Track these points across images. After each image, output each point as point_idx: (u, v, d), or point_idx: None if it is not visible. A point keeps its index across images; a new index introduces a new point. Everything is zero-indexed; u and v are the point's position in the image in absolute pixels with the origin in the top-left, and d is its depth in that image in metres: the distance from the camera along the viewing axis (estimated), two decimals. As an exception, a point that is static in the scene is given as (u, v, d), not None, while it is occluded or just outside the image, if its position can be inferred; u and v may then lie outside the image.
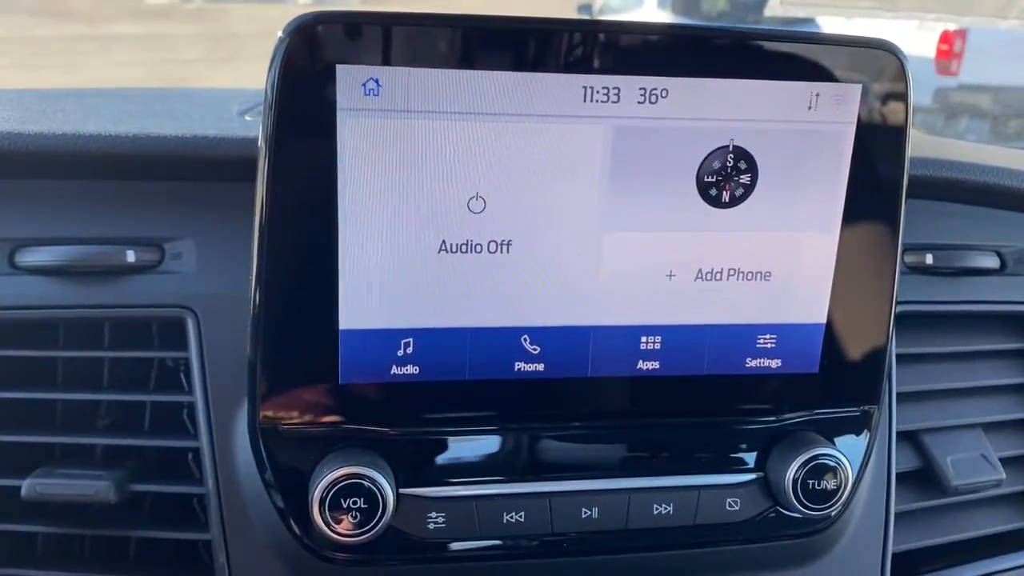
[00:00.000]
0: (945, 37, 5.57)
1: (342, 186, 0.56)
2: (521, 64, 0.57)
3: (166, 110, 0.83)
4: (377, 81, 0.56)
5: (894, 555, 0.74)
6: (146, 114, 0.79)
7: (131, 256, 0.67)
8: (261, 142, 0.55)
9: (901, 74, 0.61)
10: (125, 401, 0.69)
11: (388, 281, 0.59)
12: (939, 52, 5.62)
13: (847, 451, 0.66)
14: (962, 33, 5.53)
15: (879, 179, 0.63)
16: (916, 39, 5.49)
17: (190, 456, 0.68)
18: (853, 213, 0.63)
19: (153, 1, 12.44)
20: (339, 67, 0.54)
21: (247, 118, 0.81)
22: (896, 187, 0.63)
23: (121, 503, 0.66)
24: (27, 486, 0.63)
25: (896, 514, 0.74)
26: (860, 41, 0.61)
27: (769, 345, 0.65)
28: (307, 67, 0.54)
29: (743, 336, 0.65)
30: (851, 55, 0.61)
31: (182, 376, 0.69)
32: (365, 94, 0.56)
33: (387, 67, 0.55)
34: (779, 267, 0.64)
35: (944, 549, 0.77)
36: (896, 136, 0.62)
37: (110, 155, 0.67)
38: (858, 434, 0.68)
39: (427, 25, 0.55)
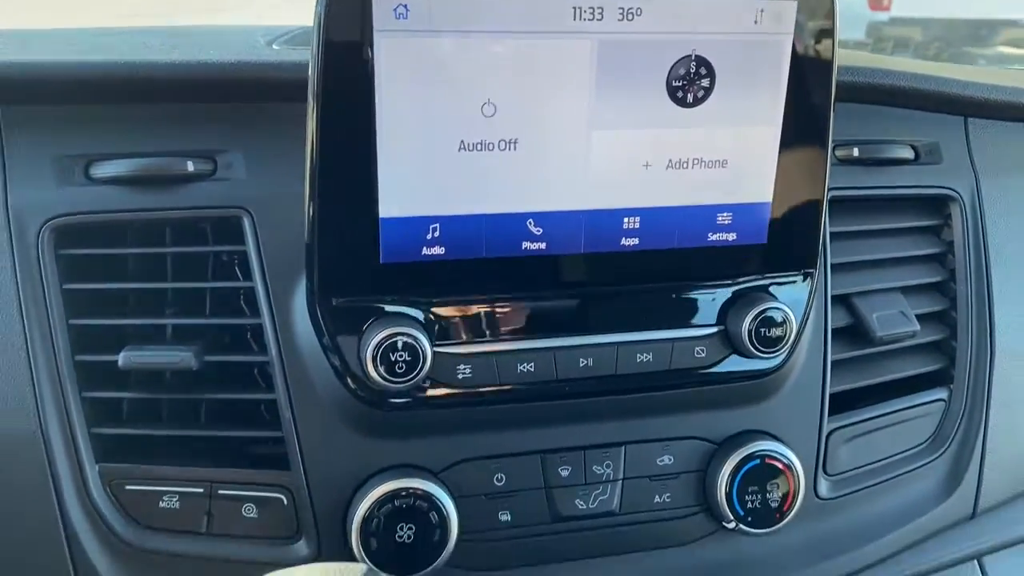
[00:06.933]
0: (878, -27, 5.72)
1: (379, 98, 0.68)
2: None
3: (204, 43, 0.93)
4: (406, 6, 0.68)
5: (832, 395, 0.90)
6: (188, 46, 0.90)
7: (190, 166, 0.78)
8: (312, 62, 0.67)
9: None
10: (188, 292, 0.80)
11: (418, 176, 0.72)
12: (872, -12, 5.77)
13: (791, 306, 0.81)
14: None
15: (813, 81, 0.76)
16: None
17: (249, 335, 0.81)
18: (792, 110, 0.76)
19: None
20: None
21: (275, 47, 0.92)
22: (827, 87, 0.77)
23: (192, 375, 0.79)
24: (124, 357, 0.76)
25: (832, 362, 0.90)
26: None
27: (726, 221, 0.79)
28: None
29: (705, 215, 0.79)
30: None
31: (237, 269, 0.81)
32: (396, 18, 0.67)
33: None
34: (733, 156, 0.77)
35: (872, 389, 0.94)
36: (826, 44, 0.75)
37: (169, 79, 0.78)
38: (800, 293, 0.83)
39: None
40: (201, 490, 0.77)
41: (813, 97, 0.77)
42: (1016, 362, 0.97)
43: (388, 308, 0.75)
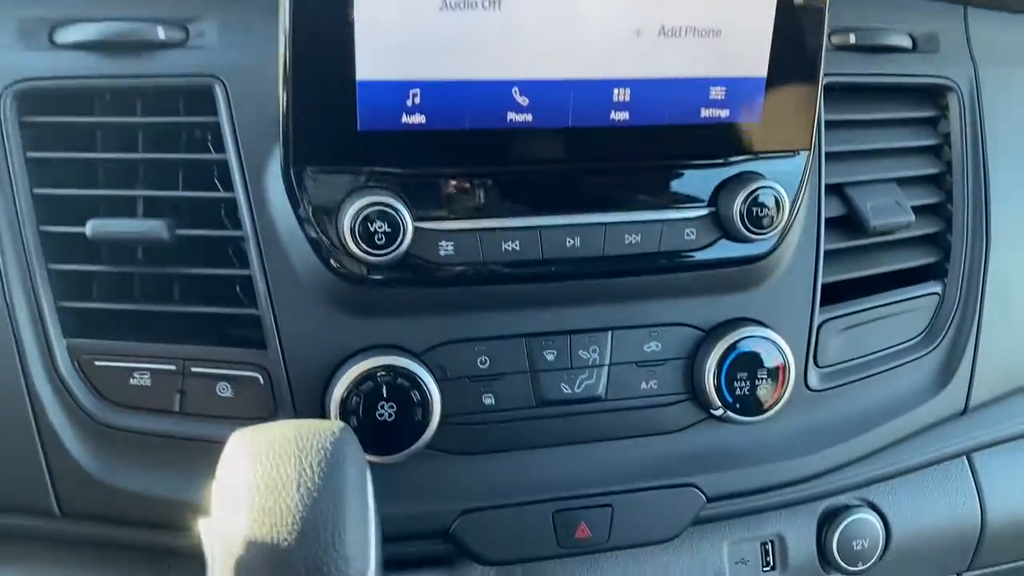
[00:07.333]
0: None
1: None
2: None
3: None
4: None
5: (824, 285, 0.88)
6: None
7: (161, 32, 0.74)
8: None
9: None
10: (160, 165, 0.77)
11: (397, 35, 0.68)
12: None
13: (784, 186, 0.79)
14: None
15: None
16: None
17: (223, 212, 0.78)
18: None
19: None
20: None
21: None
22: None
23: (165, 252, 0.76)
24: (91, 227, 0.72)
25: (825, 252, 0.88)
26: None
27: (719, 96, 0.77)
28: None
29: (698, 88, 0.76)
30: None
31: (210, 144, 0.78)
32: None
33: None
34: (727, 25, 0.74)
35: (865, 282, 0.92)
36: None
37: None
38: (793, 173, 0.80)
39: None
40: (173, 367, 0.75)
41: None
42: (1012, 256, 0.95)
43: (367, 179, 0.72)
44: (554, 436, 0.83)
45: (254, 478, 0.54)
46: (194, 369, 0.75)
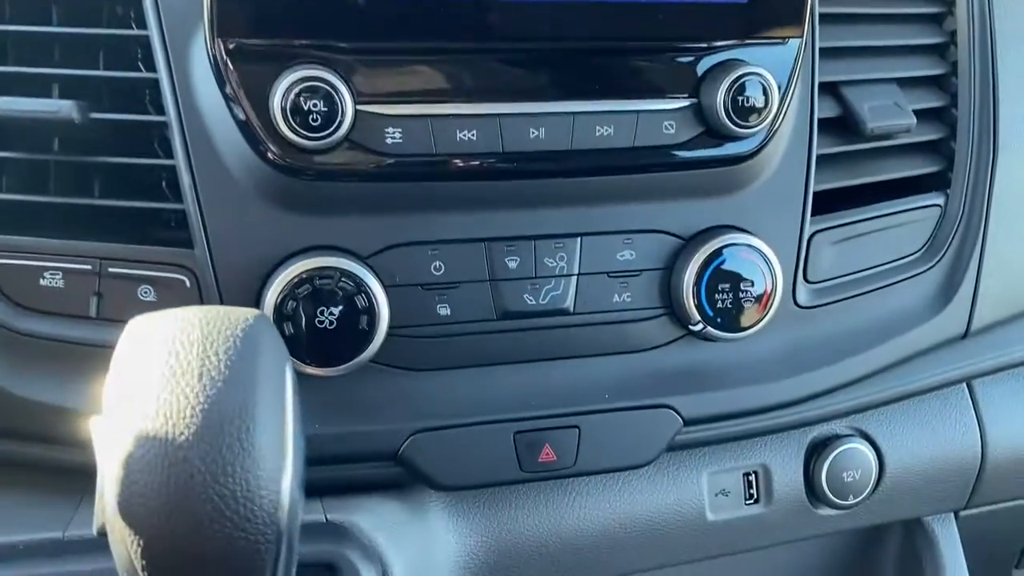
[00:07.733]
0: None
1: None
2: None
3: None
4: None
5: (816, 193, 0.80)
6: None
7: None
8: None
9: None
10: (77, 43, 0.69)
11: None
12: None
13: (773, 72, 0.71)
14: None
15: None
16: None
17: (147, 98, 0.70)
18: None
19: None
20: None
21: None
22: None
23: (84, 140, 0.68)
24: (-10, 103, 0.64)
25: (818, 156, 0.80)
26: None
27: (703, -30, 0.69)
28: None
29: (679, -41, 0.68)
30: None
31: (132, 20, 0.69)
32: None
33: None
34: None
35: (862, 193, 0.84)
36: None
37: None
38: (783, 61, 0.72)
39: None
40: (89, 267, 0.67)
41: None
42: (1020, 167, 0.88)
43: (301, 52, 0.64)
44: (516, 352, 0.76)
45: (149, 366, 0.46)
46: (112, 270, 0.68)
